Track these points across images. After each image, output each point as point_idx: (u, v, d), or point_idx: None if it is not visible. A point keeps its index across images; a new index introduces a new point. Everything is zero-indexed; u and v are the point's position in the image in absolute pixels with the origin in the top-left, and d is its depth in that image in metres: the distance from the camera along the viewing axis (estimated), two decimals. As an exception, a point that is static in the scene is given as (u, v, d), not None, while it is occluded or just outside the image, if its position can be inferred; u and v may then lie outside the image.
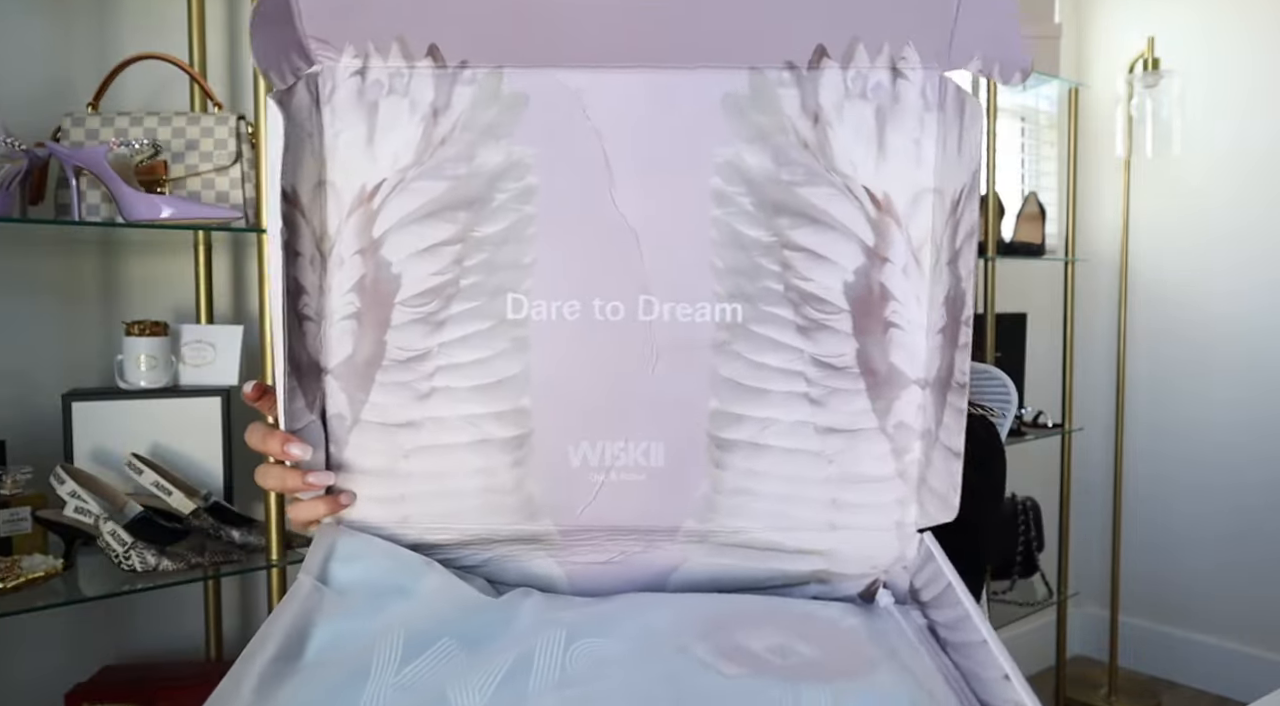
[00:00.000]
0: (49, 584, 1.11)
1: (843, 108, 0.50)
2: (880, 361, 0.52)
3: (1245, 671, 2.56)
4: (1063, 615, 2.51)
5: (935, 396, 0.52)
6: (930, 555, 0.54)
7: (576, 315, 0.52)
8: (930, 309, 0.52)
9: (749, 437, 0.54)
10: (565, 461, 0.54)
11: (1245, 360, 2.56)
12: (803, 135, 0.51)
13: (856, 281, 0.52)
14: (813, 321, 0.52)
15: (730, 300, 0.52)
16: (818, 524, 0.55)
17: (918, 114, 0.51)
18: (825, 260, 0.52)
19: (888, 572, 0.56)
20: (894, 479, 0.54)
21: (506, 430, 0.54)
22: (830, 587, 0.56)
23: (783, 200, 0.51)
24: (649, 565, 0.56)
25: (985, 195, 2.11)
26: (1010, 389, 0.99)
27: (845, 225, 0.51)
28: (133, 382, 1.29)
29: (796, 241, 0.51)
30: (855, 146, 0.51)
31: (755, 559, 0.56)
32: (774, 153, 0.51)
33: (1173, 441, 2.70)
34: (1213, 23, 2.59)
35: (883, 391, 0.53)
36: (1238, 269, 2.57)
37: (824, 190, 0.51)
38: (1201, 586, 2.65)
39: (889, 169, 0.51)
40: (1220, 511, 2.62)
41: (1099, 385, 2.81)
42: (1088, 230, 2.81)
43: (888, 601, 0.56)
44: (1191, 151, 2.59)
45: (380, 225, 0.53)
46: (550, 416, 0.54)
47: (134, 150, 1.22)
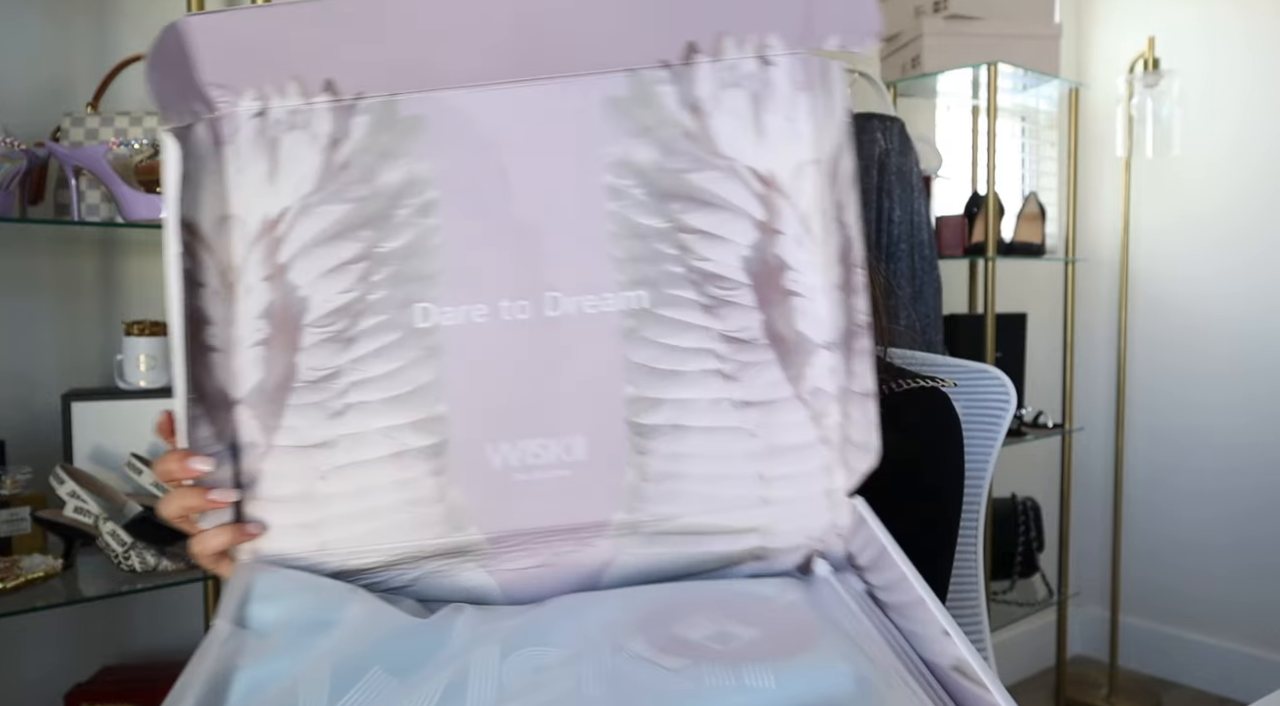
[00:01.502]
0: (49, 584, 1.11)
1: (719, 97, 0.53)
2: (787, 329, 0.54)
3: (1245, 672, 2.56)
4: (1063, 615, 2.51)
5: (843, 353, 0.54)
6: (863, 520, 0.55)
7: (485, 318, 0.53)
8: (826, 269, 0.54)
9: (668, 421, 0.54)
10: (487, 464, 0.54)
11: (1245, 360, 2.56)
12: (685, 126, 0.53)
13: (753, 256, 0.54)
14: (716, 299, 0.54)
15: (634, 287, 0.53)
16: (748, 500, 0.55)
17: (788, 95, 0.54)
18: (721, 239, 0.54)
19: (822, 541, 0.56)
20: (817, 445, 0.55)
21: (424, 439, 0.54)
22: (767, 564, 0.56)
23: (673, 188, 0.53)
24: (581, 564, 0.55)
25: (985, 195, 2.11)
26: (1010, 389, 0.99)
27: (735, 205, 0.53)
28: (132, 383, 1.29)
29: (691, 224, 0.53)
30: (735, 131, 0.53)
31: (689, 544, 0.55)
32: (660, 145, 0.53)
33: (1173, 441, 2.70)
34: (1213, 23, 2.59)
35: (793, 359, 0.54)
36: (1238, 268, 2.57)
37: (711, 174, 0.53)
38: (1202, 586, 2.65)
39: (769, 148, 0.54)
40: (1221, 511, 2.62)
41: (1099, 385, 2.81)
42: (1088, 230, 2.81)
43: (825, 570, 0.56)
44: (1191, 151, 2.59)
45: (285, 251, 0.53)
46: (467, 420, 0.54)
47: (134, 150, 1.22)
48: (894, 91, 2.19)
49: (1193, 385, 2.66)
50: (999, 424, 0.98)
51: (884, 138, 1.91)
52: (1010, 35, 2.10)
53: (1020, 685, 2.71)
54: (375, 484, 0.54)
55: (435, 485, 0.54)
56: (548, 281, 0.53)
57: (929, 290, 1.97)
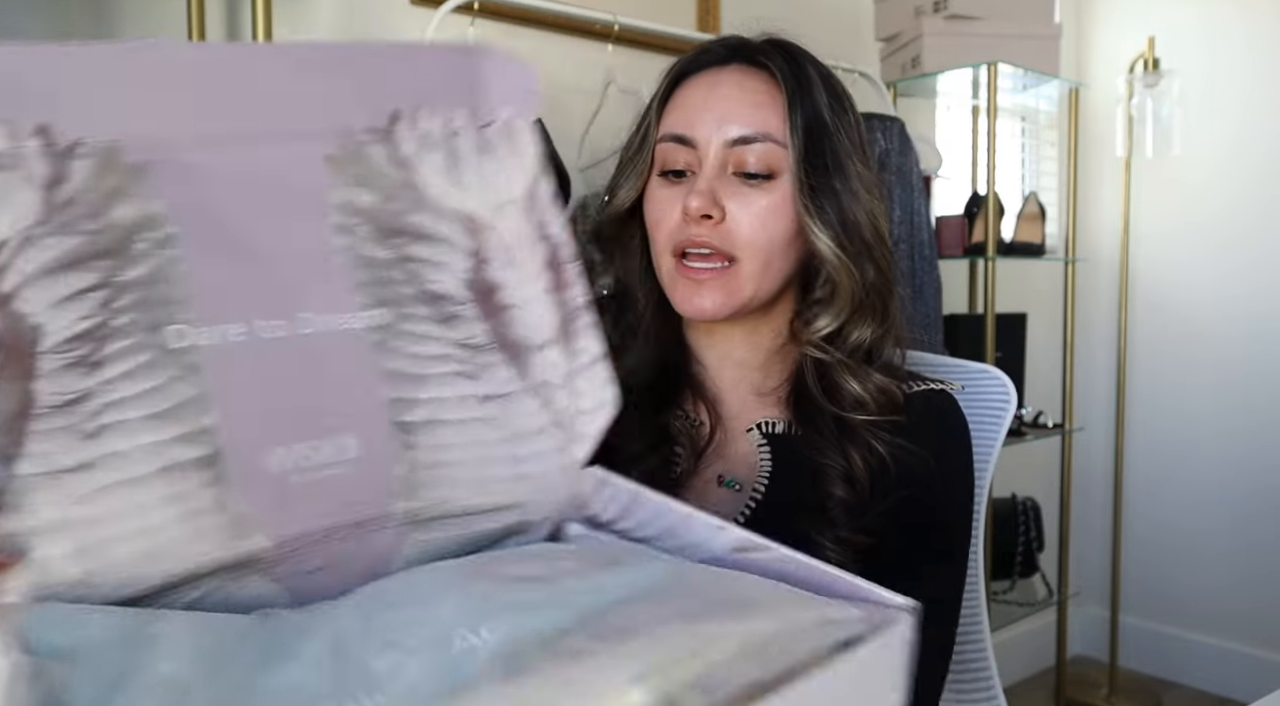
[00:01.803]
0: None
1: (420, 156, 0.62)
2: (508, 335, 0.63)
3: (1245, 671, 2.56)
4: (1063, 615, 2.51)
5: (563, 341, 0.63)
6: (605, 480, 0.63)
7: (243, 336, 0.54)
8: (534, 280, 0.63)
9: (426, 417, 0.59)
10: (264, 470, 0.54)
11: (1246, 359, 2.56)
12: (397, 178, 0.61)
13: (471, 278, 0.62)
14: (448, 314, 0.61)
15: (375, 307, 0.59)
16: (505, 479, 0.62)
17: (475, 157, 0.64)
18: (442, 265, 0.61)
19: (568, 509, 0.64)
20: (551, 428, 0.63)
21: (194, 451, 0.53)
22: (525, 536, 0.63)
23: (395, 226, 0.60)
24: (368, 557, 0.57)
25: (985, 195, 2.11)
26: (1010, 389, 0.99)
27: (449, 239, 0.62)
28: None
29: (416, 255, 0.61)
30: (438, 183, 0.62)
31: (463, 526, 0.60)
32: (378, 192, 0.60)
33: (1173, 441, 2.70)
34: (1213, 23, 2.59)
35: (518, 359, 0.63)
36: (1238, 268, 2.57)
37: (425, 215, 0.61)
38: (1202, 586, 2.66)
39: (467, 195, 0.63)
40: (1221, 511, 2.62)
41: (1099, 385, 2.81)
42: (1088, 230, 2.81)
43: (579, 529, 0.64)
44: (1191, 151, 2.59)
45: (9, 281, 0.51)
46: (237, 429, 0.54)
47: (134, 150, 1.22)
48: (894, 91, 2.19)
49: (1193, 385, 2.66)
50: (999, 424, 0.98)
51: (884, 138, 1.91)
52: (1010, 35, 2.10)
53: (1020, 685, 2.71)
54: (146, 501, 0.52)
55: (213, 495, 0.53)
56: (298, 303, 0.56)
57: (929, 290, 1.97)
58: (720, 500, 0.84)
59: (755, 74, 0.80)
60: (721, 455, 0.86)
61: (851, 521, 0.77)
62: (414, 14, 1.65)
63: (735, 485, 0.84)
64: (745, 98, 0.79)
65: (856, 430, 0.79)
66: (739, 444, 0.86)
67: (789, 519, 0.79)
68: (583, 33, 1.80)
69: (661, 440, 0.85)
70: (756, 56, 0.80)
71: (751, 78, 0.80)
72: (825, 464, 0.79)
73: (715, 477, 0.85)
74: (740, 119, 0.78)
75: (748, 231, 0.78)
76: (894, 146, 1.92)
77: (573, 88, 1.72)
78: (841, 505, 0.78)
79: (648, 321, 0.87)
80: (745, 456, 0.85)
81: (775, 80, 0.79)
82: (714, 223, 0.78)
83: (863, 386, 0.80)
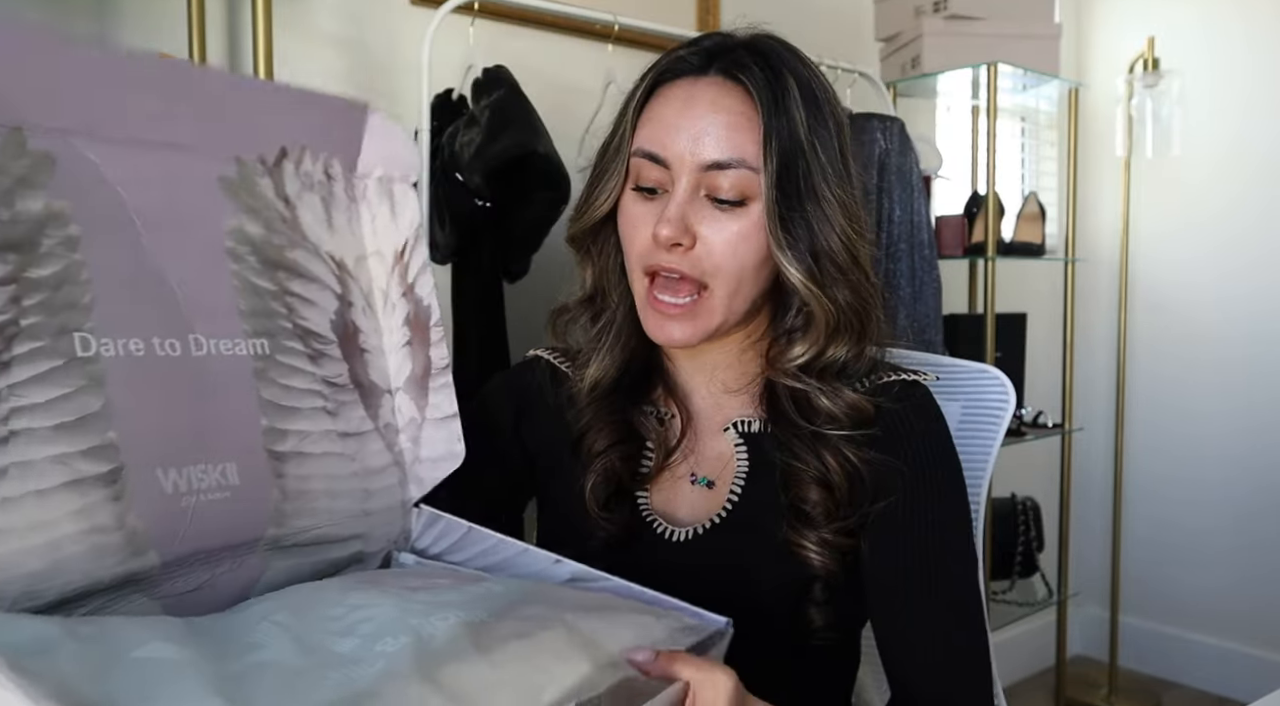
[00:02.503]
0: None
1: (301, 195, 0.64)
2: (364, 378, 0.67)
3: (1245, 671, 2.56)
4: (1063, 615, 2.51)
5: (414, 393, 0.68)
6: (436, 517, 0.68)
7: (142, 352, 0.55)
8: (390, 333, 0.68)
9: (294, 448, 0.62)
10: (160, 489, 0.54)
11: (1245, 360, 2.56)
12: (281, 212, 0.63)
13: (337, 319, 0.66)
14: (316, 351, 0.64)
15: (257, 337, 0.61)
16: (356, 512, 0.65)
17: (347, 205, 0.67)
18: (314, 304, 0.64)
19: (399, 542, 0.69)
20: (392, 467, 0.68)
21: (99, 465, 0.52)
22: (362, 565, 0.67)
23: (278, 259, 0.63)
24: (238, 580, 0.59)
25: (985, 195, 2.11)
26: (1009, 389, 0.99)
27: (321, 279, 0.65)
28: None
29: (293, 290, 0.64)
30: (314, 224, 0.65)
31: (317, 553, 0.64)
32: (264, 223, 0.63)
33: (1173, 441, 2.70)
34: (1213, 23, 2.59)
35: (371, 401, 0.67)
36: (1237, 268, 2.57)
37: (302, 252, 0.64)
38: (1202, 586, 2.66)
39: (338, 240, 0.66)
40: (1221, 511, 2.62)
41: (1099, 385, 2.81)
42: (1088, 230, 2.81)
43: (411, 559, 0.68)
44: (1191, 151, 2.59)
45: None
46: (138, 447, 0.54)
47: (134, 150, 1.22)
48: (894, 91, 2.19)
49: (1193, 385, 2.66)
50: (998, 424, 0.98)
51: (884, 138, 1.91)
52: (1010, 35, 2.10)
53: (1020, 685, 2.71)
54: (53, 515, 0.51)
55: (114, 511, 0.53)
56: (190, 325, 0.58)
57: (929, 290, 1.97)
58: (694, 498, 0.84)
59: (732, 90, 0.76)
60: (693, 452, 0.85)
61: (831, 523, 0.77)
62: (414, 14, 1.65)
63: (708, 483, 0.84)
64: (720, 118, 0.75)
65: (829, 439, 0.78)
66: (712, 441, 0.85)
67: (770, 519, 0.78)
68: (583, 33, 1.80)
69: (630, 438, 0.84)
70: (734, 70, 0.76)
71: (728, 94, 0.76)
72: (801, 466, 0.78)
73: (687, 475, 0.85)
74: (714, 142, 0.75)
75: (718, 258, 0.76)
76: (894, 146, 1.92)
77: (573, 88, 1.72)
78: (821, 508, 0.77)
79: (620, 321, 0.85)
80: (719, 454, 0.84)
81: (752, 98, 0.75)
82: (684, 249, 0.75)
83: (833, 403, 0.78)
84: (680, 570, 0.76)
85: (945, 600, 0.77)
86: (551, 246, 1.61)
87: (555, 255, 1.71)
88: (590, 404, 0.85)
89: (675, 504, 0.84)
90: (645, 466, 0.84)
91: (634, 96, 0.81)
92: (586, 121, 1.64)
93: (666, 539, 0.81)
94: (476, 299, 1.52)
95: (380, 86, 1.63)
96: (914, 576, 0.77)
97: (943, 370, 1.04)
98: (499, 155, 1.41)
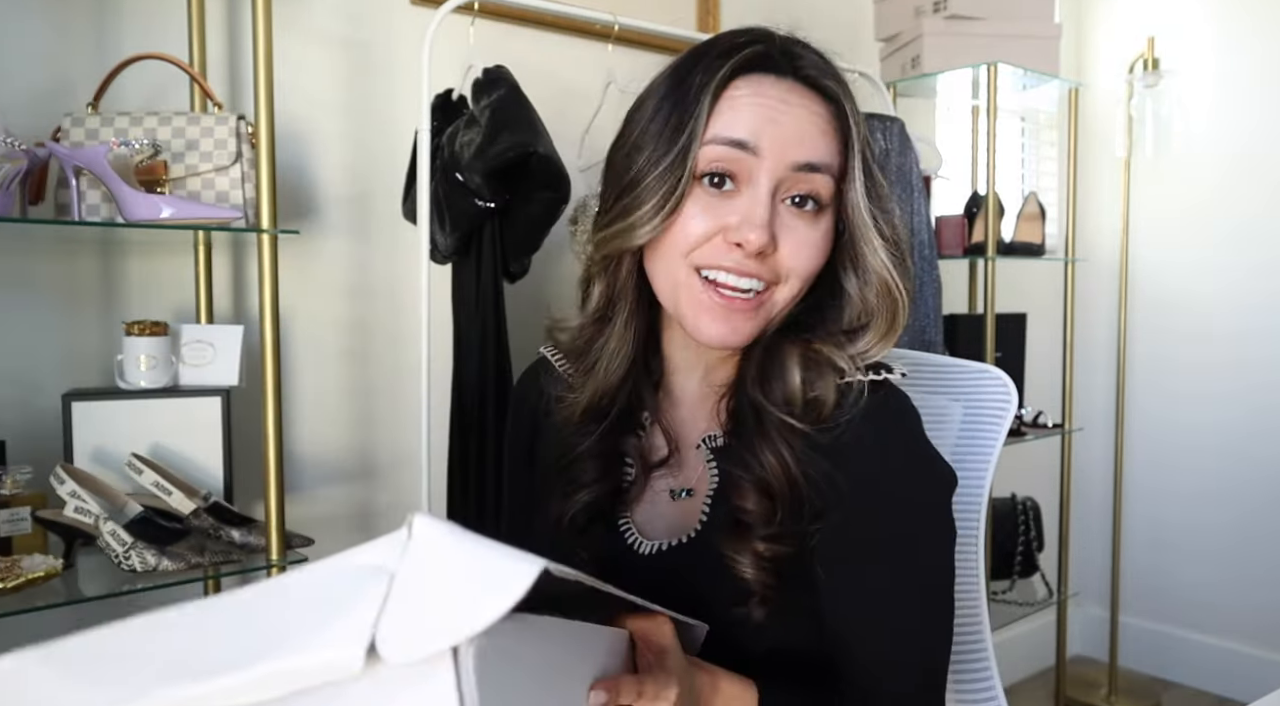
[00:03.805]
0: (49, 584, 1.11)
1: None
2: None
3: (1245, 671, 2.56)
4: (1063, 615, 2.51)
5: None
6: None
7: None
8: None
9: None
10: None
11: (1245, 360, 2.56)
12: None
13: None
14: None
15: None
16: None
17: None
18: None
19: None
20: None
21: None
22: None
23: None
24: None
25: (985, 195, 2.11)
26: (1010, 389, 0.99)
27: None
28: (133, 383, 1.29)
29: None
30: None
31: None
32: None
33: (1173, 441, 2.70)
34: (1213, 23, 2.59)
35: None
36: (1237, 268, 2.57)
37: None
38: (1201, 586, 2.66)
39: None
40: (1221, 511, 2.62)
41: (1099, 385, 2.81)
42: (1088, 230, 2.81)
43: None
44: (1191, 151, 2.59)
45: None
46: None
47: (134, 150, 1.22)
48: (894, 91, 2.18)
49: (1193, 385, 2.66)
50: (999, 424, 0.98)
51: (884, 138, 1.91)
52: (1010, 35, 2.10)
53: (1020, 685, 2.71)
54: None
55: None
56: None
57: (929, 290, 1.97)
58: (672, 512, 0.83)
59: (819, 99, 0.76)
60: (674, 467, 0.84)
61: (768, 530, 0.74)
62: (414, 14, 1.65)
63: (687, 494, 0.83)
64: (815, 122, 0.75)
65: (771, 437, 0.76)
66: (692, 455, 0.84)
67: (731, 531, 0.76)
68: (583, 33, 1.80)
69: (613, 458, 0.83)
70: (817, 76, 0.76)
71: (817, 102, 0.76)
72: (741, 474, 0.76)
73: (667, 491, 0.84)
74: (811, 143, 0.74)
75: (799, 263, 0.75)
76: (894, 146, 1.92)
77: (573, 88, 1.72)
78: (757, 515, 0.74)
79: (616, 342, 0.83)
80: (696, 468, 0.84)
81: (833, 107, 0.76)
82: (765, 256, 0.73)
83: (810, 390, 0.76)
84: (650, 581, 0.75)
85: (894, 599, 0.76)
86: (551, 246, 1.61)
87: (555, 255, 1.71)
88: (581, 430, 0.84)
89: (654, 518, 0.84)
90: (626, 483, 0.84)
91: (705, 86, 0.74)
92: (586, 121, 1.64)
93: (637, 552, 0.81)
94: (476, 299, 1.52)
95: (380, 86, 1.63)
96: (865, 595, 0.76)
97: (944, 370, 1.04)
98: (499, 155, 1.41)
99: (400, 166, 1.58)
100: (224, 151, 1.27)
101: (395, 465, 1.67)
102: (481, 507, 1.52)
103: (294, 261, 1.52)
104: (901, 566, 0.76)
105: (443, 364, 1.57)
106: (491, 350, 1.51)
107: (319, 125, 1.57)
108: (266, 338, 1.28)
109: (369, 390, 1.64)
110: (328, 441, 1.61)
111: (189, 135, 1.26)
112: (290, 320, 1.53)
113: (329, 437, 1.61)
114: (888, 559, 0.76)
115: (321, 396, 1.59)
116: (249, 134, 1.30)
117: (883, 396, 0.78)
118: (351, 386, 1.63)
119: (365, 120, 1.62)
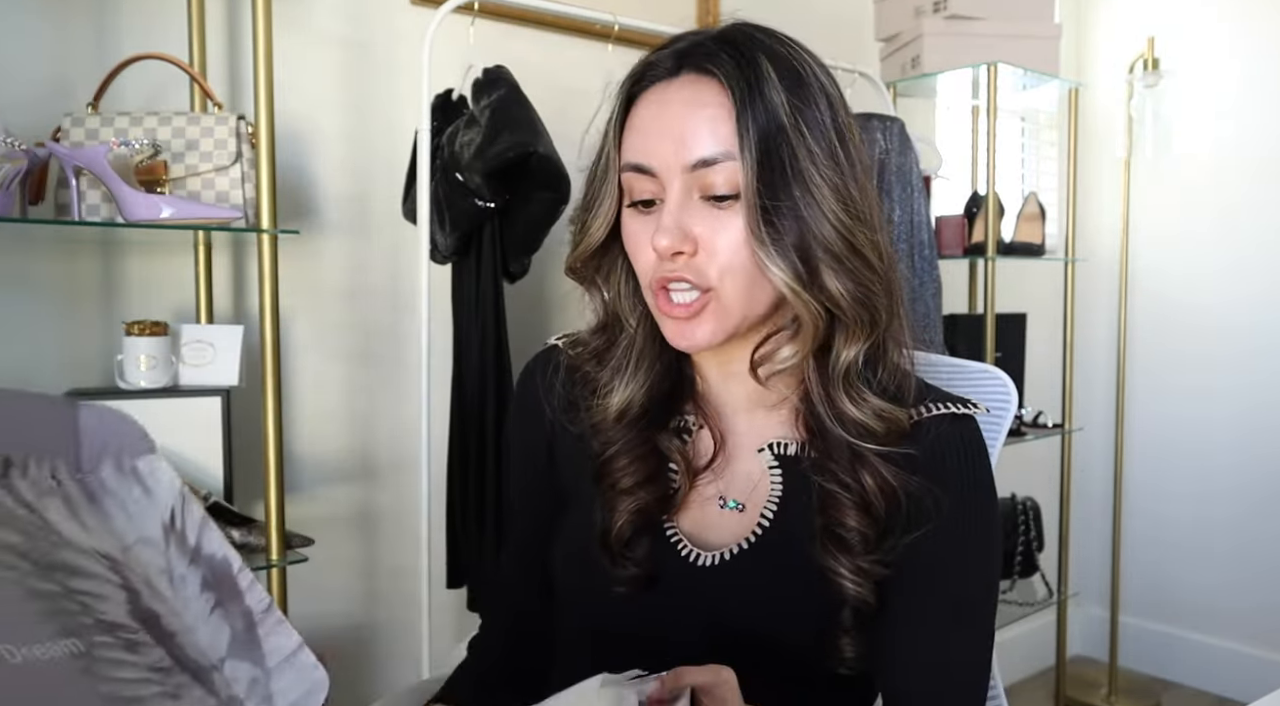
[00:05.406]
0: (49, 584, 1.11)
1: (41, 500, 0.65)
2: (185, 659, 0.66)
3: (1245, 671, 2.56)
4: (1063, 615, 2.51)
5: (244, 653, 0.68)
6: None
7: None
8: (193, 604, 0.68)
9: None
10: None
11: (1245, 360, 2.56)
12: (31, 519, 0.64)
13: (132, 608, 0.65)
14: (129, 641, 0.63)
15: (64, 636, 0.60)
16: None
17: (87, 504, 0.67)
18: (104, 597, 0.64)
19: None
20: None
21: None
22: None
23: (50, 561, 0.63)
24: None
25: (985, 195, 2.11)
26: (1010, 389, 0.99)
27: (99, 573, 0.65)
28: (133, 383, 1.29)
29: (78, 588, 0.63)
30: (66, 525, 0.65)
31: None
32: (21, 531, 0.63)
33: (1173, 441, 2.70)
34: (1213, 23, 2.59)
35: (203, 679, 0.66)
36: (1237, 268, 2.57)
37: (70, 552, 0.64)
38: (1202, 586, 2.66)
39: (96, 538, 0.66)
40: (1221, 511, 2.62)
41: (1099, 385, 2.81)
42: (1088, 230, 2.81)
43: None
44: (1191, 151, 2.59)
45: None
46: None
47: (134, 150, 1.22)
48: (894, 91, 2.19)
49: (1193, 384, 2.66)
50: (1000, 424, 0.98)
51: (884, 138, 1.91)
52: (1010, 35, 2.10)
53: (1020, 685, 2.71)
54: None
55: None
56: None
57: (929, 290, 1.97)
58: (722, 522, 0.81)
59: (706, 83, 0.72)
60: (722, 474, 0.82)
61: (869, 551, 0.74)
62: (414, 14, 1.65)
63: (738, 507, 0.81)
64: (699, 113, 0.71)
65: (868, 457, 0.75)
66: (744, 463, 0.82)
67: (803, 545, 0.76)
68: (583, 33, 1.80)
69: (657, 460, 0.81)
70: (704, 63, 0.72)
71: (703, 88, 0.72)
72: (838, 490, 0.75)
73: (715, 498, 0.81)
74: (697, 139, 0.71)
75: (724, 259, 0.72)
76: (894, 146, 1.92)
77: (573, 88, 1.72)
78: (858, 534, 0.74)
79: (641, 343, 0.82)
80: (749, 476, 0.81)
81: (725, 88, 0.71)
82: (687, 256, 0.72)
83: (860, 411, 0.75)
84: (710, 595, 0.74)
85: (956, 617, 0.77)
86: (551, 247, 1.61)
87: (555, 255, 1.71)
88: (616, 433, 0.81)
89: (704, 527, 0.81)
90: (671, 489, 0.80)
91: (613, 116, 0.78)
92: (586, 121, 1.64)
93: (694, 563, 0.78)
94: (476, 299, 1.52)
95: (380, 86, 1.63)
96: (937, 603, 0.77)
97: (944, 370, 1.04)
98: (499, 155, 1.41)
99: (400, 166, 1.58)
100: (224, 151, 1.27)
101: (395, 465, 1.67)
102: (481, 507, 1.52)
103: (294, 261, 1.52)
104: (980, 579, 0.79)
105: (443, 364, 1.57)
106: (491, 350, 1.51)
107: (319, 125, 1.57)
108: (266, 338, 1.28)
109: (369, 390, 1.64)
110: (328, 441, 1.61)
111: (189, 135, 1.26)
112: (290, 320, 1.53)
113: (329, 437, 1.61)
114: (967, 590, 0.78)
115: (321, 396, 1.59)
116: (249, 134, 1.30)
117: (973, 425, 0.80)
118: (351, 386, 1.63)
119: (365, 120, 1.62)
